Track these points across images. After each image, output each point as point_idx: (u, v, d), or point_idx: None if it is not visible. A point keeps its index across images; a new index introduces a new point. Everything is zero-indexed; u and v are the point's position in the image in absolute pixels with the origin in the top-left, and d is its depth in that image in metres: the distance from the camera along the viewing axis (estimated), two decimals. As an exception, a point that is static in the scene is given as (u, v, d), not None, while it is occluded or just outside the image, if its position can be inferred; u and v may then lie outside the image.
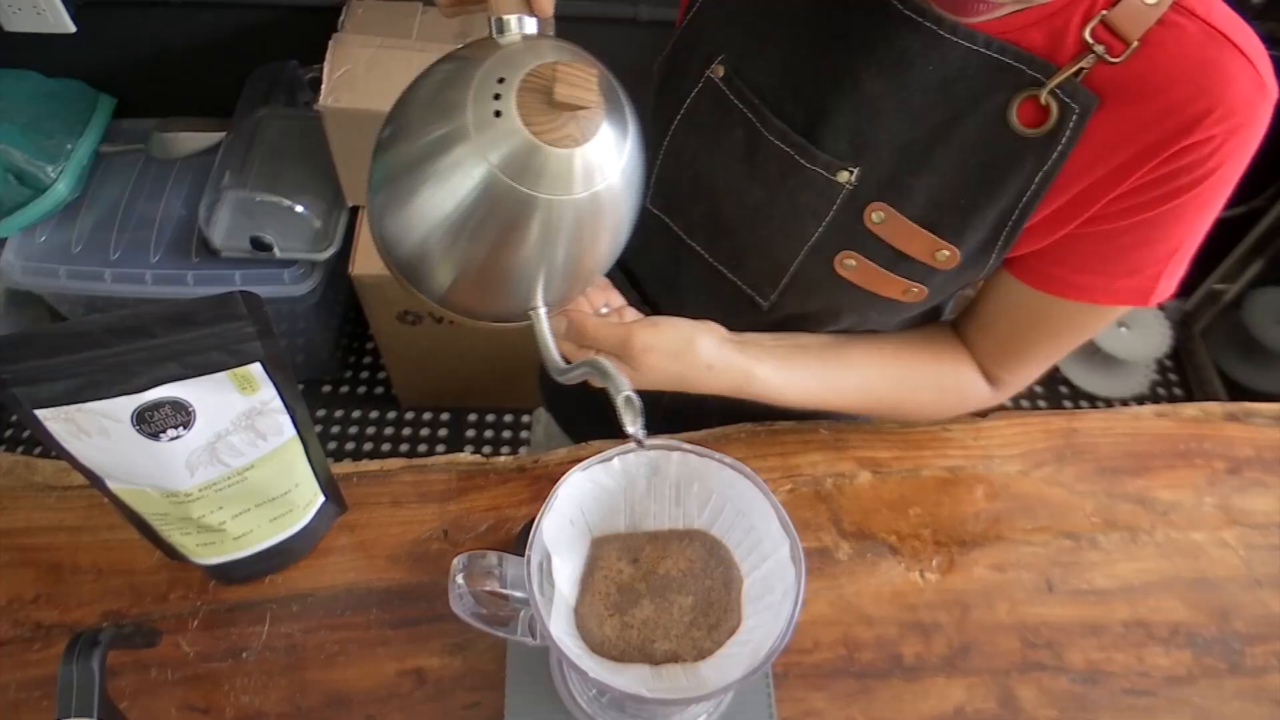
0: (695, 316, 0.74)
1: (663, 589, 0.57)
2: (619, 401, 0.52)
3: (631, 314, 0.73)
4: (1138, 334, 2.16)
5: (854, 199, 0.65)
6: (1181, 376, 2.25)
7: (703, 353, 0.70)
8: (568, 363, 0.58)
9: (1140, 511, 0.82)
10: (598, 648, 0.55)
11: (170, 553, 0.72)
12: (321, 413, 2.08)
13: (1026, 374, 0.77)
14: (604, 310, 0.72)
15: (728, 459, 0.57)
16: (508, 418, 2.10)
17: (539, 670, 0.68)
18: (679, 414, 0.78)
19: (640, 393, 0.67)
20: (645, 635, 0.55)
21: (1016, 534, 0.80)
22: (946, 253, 0.65)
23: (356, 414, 2.09)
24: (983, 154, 0.61)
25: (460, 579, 0.53)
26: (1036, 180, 0.61)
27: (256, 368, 0.60)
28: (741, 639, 0.55)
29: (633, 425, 0.53)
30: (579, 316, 0.69)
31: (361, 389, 2.13)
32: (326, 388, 2.12)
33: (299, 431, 0.67)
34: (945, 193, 0.63)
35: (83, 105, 1.78)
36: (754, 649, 0.52)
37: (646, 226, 0.78)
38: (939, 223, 0.64)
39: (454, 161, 0.49)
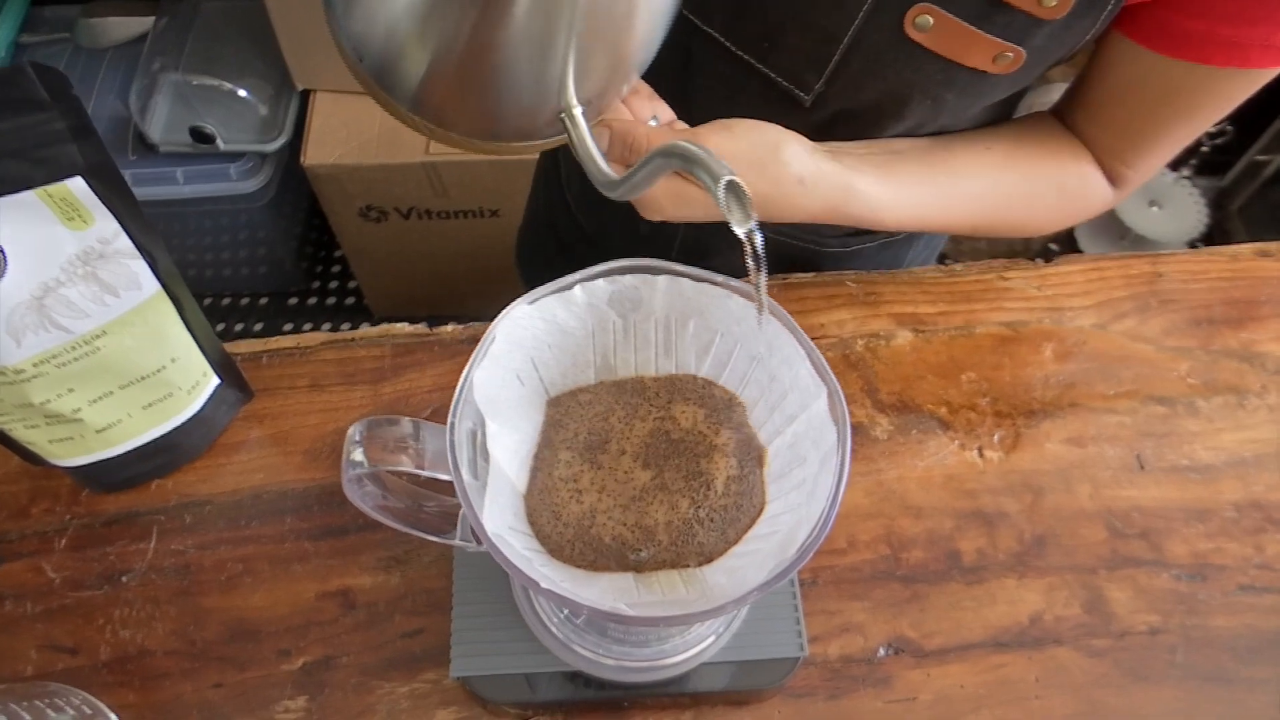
0: None
1: (655, 464, 0.41)
2: (719, 191, 0.34)
3: (684, 128, 0.54)
4: (1169, 212, 1.99)
5: None
6: (1218, 259, 2.08)
7: (793, 163, 0.52)
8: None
9: (1247, 370, 0.66)
10: (557, 550, 0.39)
11: (26, 455, 0.56)
12: (289, 327, 1.91)
13: (1152, 164, 0.61)
14: (653, 124, 0.54)
15: (735, 282, 0.40)
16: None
17: (498, 588, 0.53)
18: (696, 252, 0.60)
19: (655, 227, 0.51)
20: (625, 530, 0.39)
21: (1096, 401, 0.64)
22: None
23: (327, 327, 1.92)
24: None
25: (359, 454, 0.37)
26: None
27: (78, 184, 0.44)
28: (761, 532, 0.40)
29: (743, 223, 0.34)
30: (624, 125, 0.50)
31: (331, 300, 1.95)
32: (293, 300, 1.94)
33: (164, 285, 0.51)
34: None
35: (-3, -11, 1.62)
36: (781, 543, 0.36)
37: None
38: None
39: None
